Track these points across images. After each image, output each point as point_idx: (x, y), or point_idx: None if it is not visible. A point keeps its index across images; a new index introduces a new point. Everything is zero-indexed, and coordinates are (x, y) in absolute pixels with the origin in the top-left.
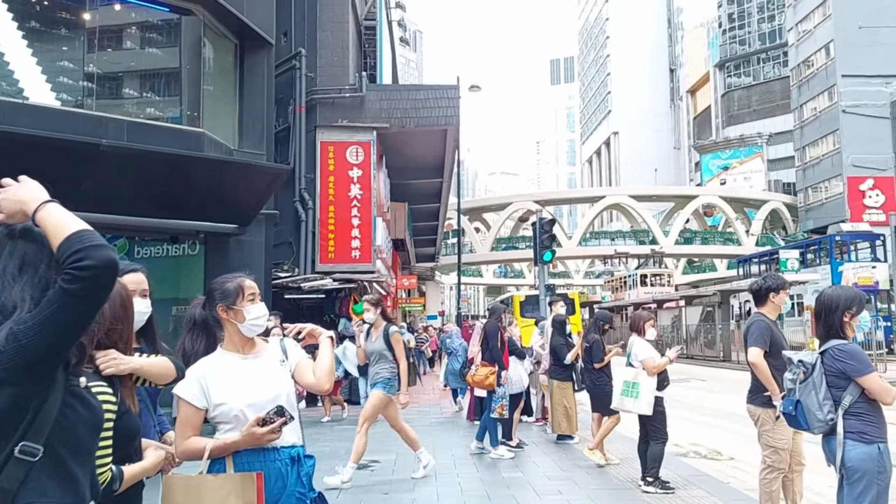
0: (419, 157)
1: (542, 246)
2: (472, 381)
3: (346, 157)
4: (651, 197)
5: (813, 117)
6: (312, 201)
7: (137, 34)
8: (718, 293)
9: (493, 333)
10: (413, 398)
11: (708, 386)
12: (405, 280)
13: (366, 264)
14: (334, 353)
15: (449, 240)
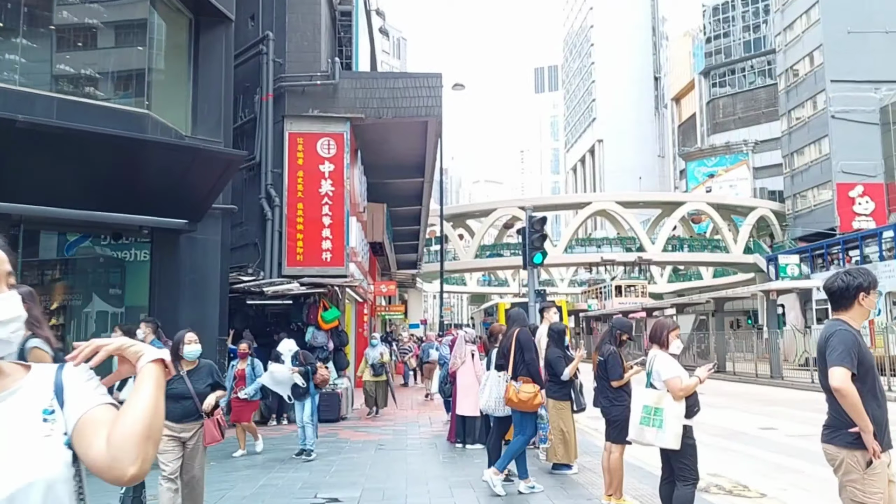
0: (398, 153)
1: (531, 247)
2: (515, 400)
3: (316, 149)
4: (638, 203)
5: (801, 123)
6: (279, 198)
7: (76, 2)
8: (712, 301)
9: (528, 344)
10: (389, 415)
11: (708, 400)
12: (384, 286)
13: (338, 267)
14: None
15: (432, 247)
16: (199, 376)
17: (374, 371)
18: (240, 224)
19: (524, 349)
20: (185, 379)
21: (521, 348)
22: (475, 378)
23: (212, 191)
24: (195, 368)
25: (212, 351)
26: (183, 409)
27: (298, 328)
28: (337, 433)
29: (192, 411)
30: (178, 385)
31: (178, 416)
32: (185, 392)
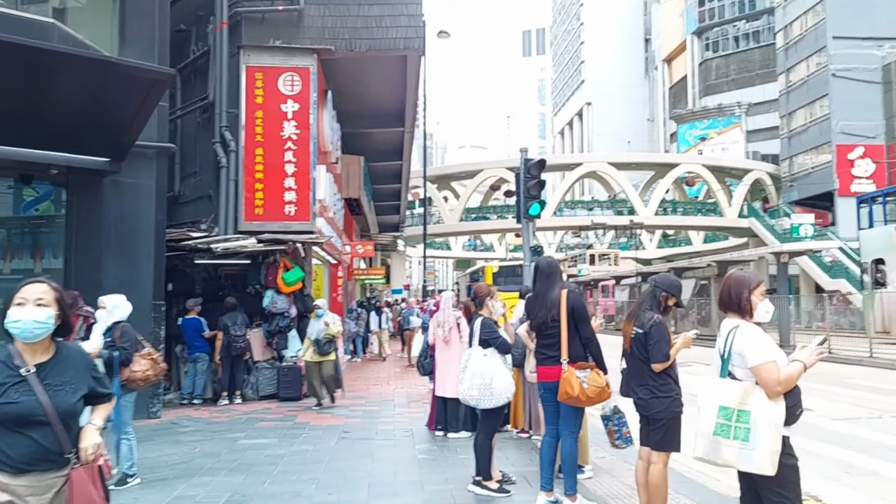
0: (375, 97)
1: (527, 196)
2: (579, 397)
3: (278, 86)
4: (630, 164)
5: (800, 82)
6: (235, 142)
7: None
8: (715, 265)
9: (584, 313)
10: (360, 391)
11: None
12: (360, 246)
13: (303, 222)
14: None
15: (415, 209)
16: (59, 376)
17: (319, 348)
18: (193, 174)
19: (579, 321)
20: (29, 382)
21: (576, 319)
22: (460, 351)
23: (135, 120)
24: (52, 360)
25: (144, 320)
26: (27, 447)
27: (256, 291)
28: (295, 415)
29: (48, 453)
30: (17, 395)
31: (18, 462)
32: (28, 410)
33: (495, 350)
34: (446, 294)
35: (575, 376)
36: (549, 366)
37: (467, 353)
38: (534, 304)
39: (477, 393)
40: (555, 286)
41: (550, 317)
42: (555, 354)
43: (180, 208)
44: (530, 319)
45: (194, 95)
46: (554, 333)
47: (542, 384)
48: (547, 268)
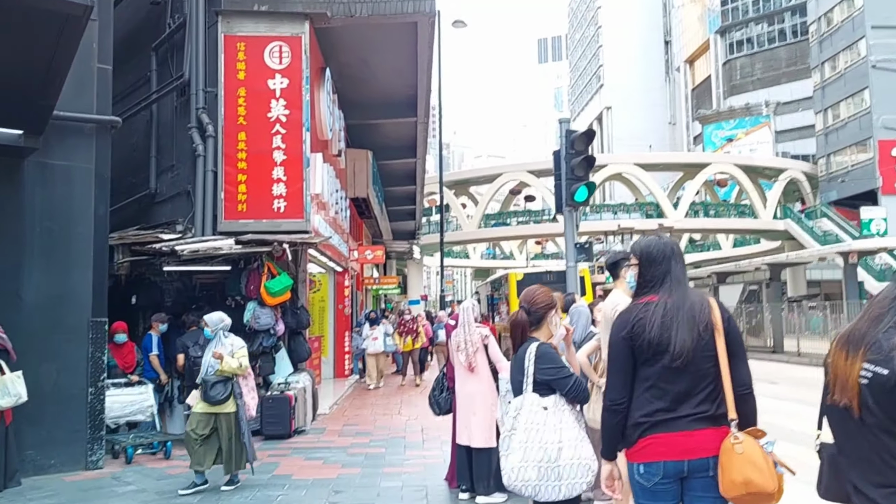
0: (383, 81)
1: (571, 177)
2: (774, 487)
3: (264, 59)
4: (658, 165)
5: (837, 76)
6: (214, 126)
7: None
8: (767, 268)
9: (740, 343)
10: (366, 423)
11: (788, 392)
12: (369, 252)
13: (296, 220)
14: None
15: (432, 216)
16: None
17: (206, 394)
18: (170, 168)
19: (734, 354)
20: None
21: (730, 350)
22: (490, 383)
23: (50, 75)
24: None
25: (80, 341)
26: None
27: (237, 304)
28: (278, 462)
29: None
30: None
31: None
32: None
33: (562, 399)
34: (465, 304)
35: (760, 450)
36: (686, 430)
37: (514, 403)
38: (648, 317)
39: (534, 476)
40: (688, 283)
41: (692, 343)
42: (700, 412)
43: (157, 208)
44: (636, 342)
45: (171, 77)
46: (697, 372)
47: (664, 466)
48: (664, 250)
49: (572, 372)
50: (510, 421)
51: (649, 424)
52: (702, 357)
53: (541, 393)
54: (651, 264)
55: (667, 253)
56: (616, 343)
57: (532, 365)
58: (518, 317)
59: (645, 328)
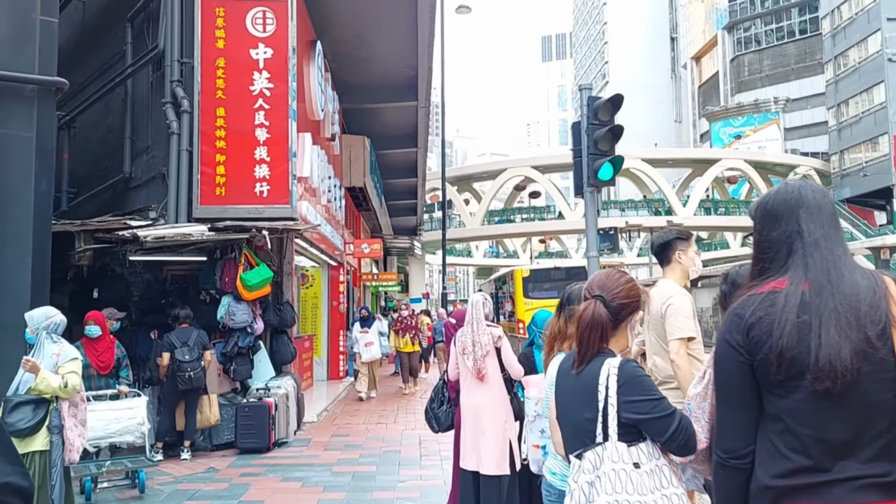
0: (381, 60)
1: (593, 152)
2: None
3: (245, 26)
4: (667, 161)
5: (851, 69)
6: (190, 101)
7: None
8: None
9: None
10: (357, 432)
11: None
12: (366, 245)
13: (280, 206)
14: None
15: (434, 213)
16: None
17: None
18: (146, 150)
19: None
20: None
21: None
22: (503, 395)
23: None
24: None
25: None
26: None
27: (213, 299)
28: (249, 484)
29: None
30: None
31: None
32: None
33: (657, 449)
34: (475, 298)
35: None
36: (846, 502)
37: (588, 460)
38: (776, 314)
39: None
40: (846, 253)
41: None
42: (872, 475)
43: (132, 193)
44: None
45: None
46: (864, 405)
47: None
48: (795, 200)
49: (673, 406)
50: (582, 489)
51: (785, 491)
52: (873, 380)
53: (628, 441)
54: (774, 225)
55: (803, 204)
56: (725, 358)
57: (615, 396)
58: (594, 313)
59: (771, 333)
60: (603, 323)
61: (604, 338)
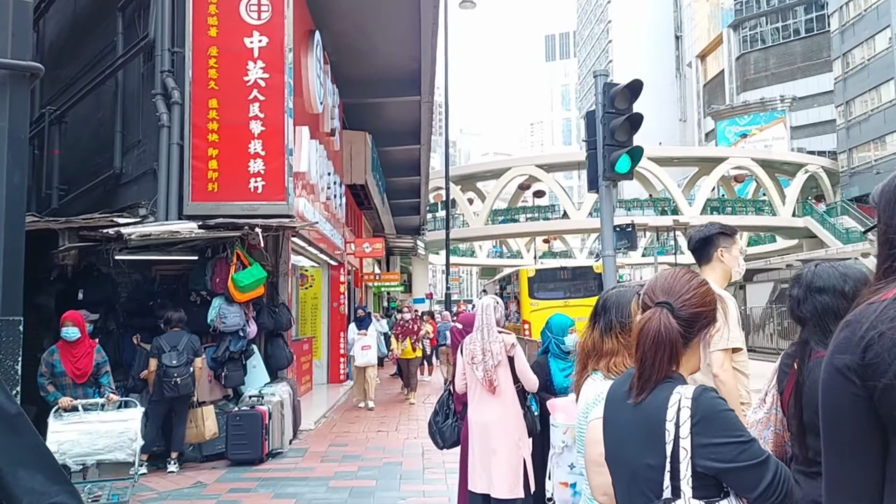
0: (383, 53)
1: (610, 143)
2: None
3: (240, 12)
4: (672, 160)
5: (860, 66)
6: (181, 92)
7: None
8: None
9: None
10: (356, 440)
11: None
12: (367, 244)
13: (275, 202)
14: None
15: (438, 212)
16: None
17: None
18: (136, 144)
19: None
20: None
21: None
22: (516, 409)
23: None
24: None
25: None
26: None
27: (203, 300)
28: (240, 500)
29: None
30: None
31: None
32: None
33: None
34: (485, 301)
35: None
36: None
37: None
38: None
39: None
40: None
41: None
42: None
43: (122, 190)
44: (878, 385)
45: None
46: None
47: None
48: None
49: (766, 451)
50: None
51: None
52: None
53: (705, 497)
54: None
55: None
56: (832, 388)
57: (688, 437)
58: (661, 326)
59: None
60: (672, 339)
61: (673, 358)
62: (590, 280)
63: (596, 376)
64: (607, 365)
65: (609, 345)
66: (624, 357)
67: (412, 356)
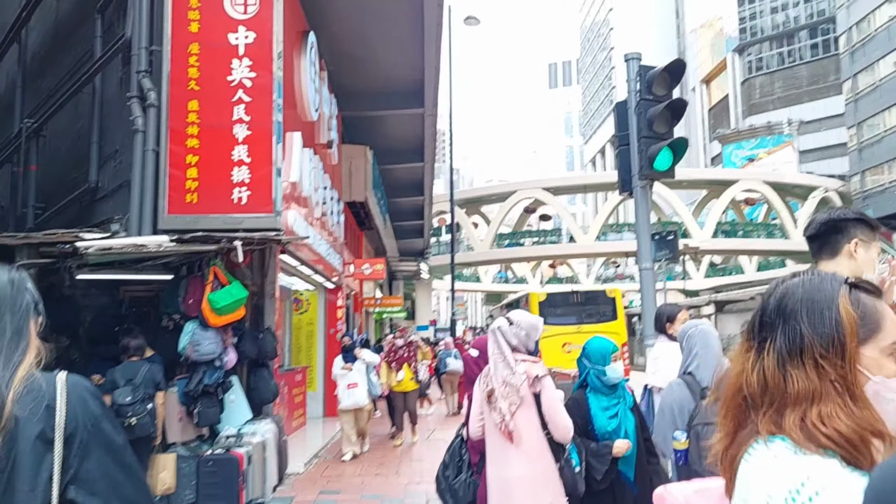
0: (384, 62)
1: (648, 134)
2: None
3: (223, 5)
4: (682, 183)
5: (871, 87)
6: (157, 94)
7: None
8: None
9: None
10: (348, 487)
11: None
12: (367, 266)
13: (261, 215)
14: None
15: (441, 236)
16: None
17: None
18: (114, 155)
19: None
20: None
21: None
22: (547, 461)
23: None
24: None
25: None
26: None
27: (177, 324)
28: None
29: None
30: None
31: None
32: None
33: None
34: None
35: None
36: None
37: None
38: None
39: None
40: None
41: None
42: None
43: (98, 205)
44: None
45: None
46: None
47: None
48: None
49: None
50: None
51: None
52: None
53: None
54: None
55: None
56: None
57: None
58: None
59: None
60: None
61: None
62: (603, 304)
63: (777, 445)
64: (801, 420)
65: (801, 383)
66: (836, 405)
67: (410, 388)
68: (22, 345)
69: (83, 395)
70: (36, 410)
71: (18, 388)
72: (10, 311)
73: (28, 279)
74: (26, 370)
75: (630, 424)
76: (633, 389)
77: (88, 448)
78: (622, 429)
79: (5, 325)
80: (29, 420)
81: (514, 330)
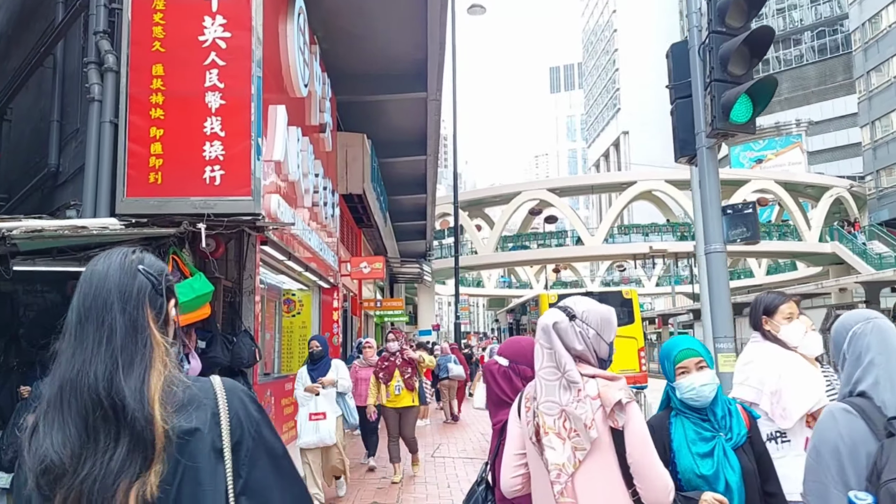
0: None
1: (721, 78)
2: None
3: None
4: None
5: (886, 84)
6: (117, 57)
7: None
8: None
9: None
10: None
11: None
12: (365, 264)
13: (238, 198)
14: None
15: (444, 239)
16: None
17: None
18: (74, 134)
19: None
20: None
21: None
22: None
23: None
24: None
25: None
26: None
27: None
28: None
29: None
30: None
31: None
32: None
33: None
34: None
35: None
36: None
37: None
38: None
39: None
40: None
41: None
42: None
43: (59, 192)
44: None
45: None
46: None
47: None
48: None
49: None
50: None
51: None
52: None
53: None
54: None
55: None
56: None
57: None
58: None
59: None
60: None
61: None
62: (619, 306)
63: None
64: None
65: None
66: None
67: (406, 405)
68: (140, 341)
69: (243, 400)
70: (203, 419)
71: (164, 396)
72: (119, 300)
73: (144, 259)
74: (161, 375)
75: (732, 473)
76: None
77: (255, 456)
78: (721, 476)
79: (114, 322)
80: (199, 431)
81: (580, 327)
